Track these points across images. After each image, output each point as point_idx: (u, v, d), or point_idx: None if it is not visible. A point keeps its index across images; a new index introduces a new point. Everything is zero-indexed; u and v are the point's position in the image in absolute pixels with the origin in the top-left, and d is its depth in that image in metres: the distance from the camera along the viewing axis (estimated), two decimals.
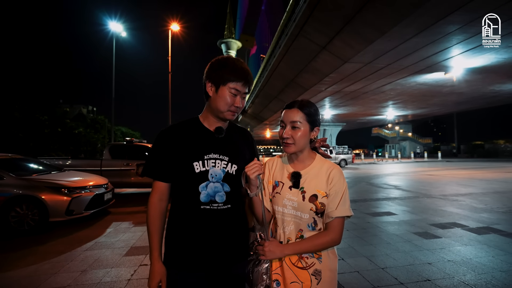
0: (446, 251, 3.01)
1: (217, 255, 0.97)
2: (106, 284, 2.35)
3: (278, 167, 1.08)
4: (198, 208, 0.96)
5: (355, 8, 8.99)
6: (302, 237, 0.98)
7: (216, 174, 0.99)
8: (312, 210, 0.97)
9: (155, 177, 0.99)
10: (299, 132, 0.98)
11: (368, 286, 2.27)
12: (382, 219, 4.45)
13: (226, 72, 0.96)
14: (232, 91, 0.97)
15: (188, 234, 0.97)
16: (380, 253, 2.99)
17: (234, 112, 1.00)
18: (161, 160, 0.99)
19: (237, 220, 1.05)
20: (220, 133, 1.01)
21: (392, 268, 2.59)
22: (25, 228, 3.83)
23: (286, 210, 1.00)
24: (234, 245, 1.01)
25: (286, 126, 1.00)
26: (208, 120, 1.05)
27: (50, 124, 17.85)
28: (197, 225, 0.97)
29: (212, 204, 0.97)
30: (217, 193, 0.98)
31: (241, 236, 1.05)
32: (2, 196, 3.78)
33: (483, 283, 2.27)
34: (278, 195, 1.02)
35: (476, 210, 4.88)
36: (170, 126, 1.03)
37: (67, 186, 4.14)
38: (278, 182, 1.04)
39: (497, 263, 2.65)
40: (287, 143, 0.99)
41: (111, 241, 3.48)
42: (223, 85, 0.96)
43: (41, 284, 2.35)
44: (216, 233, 0.98)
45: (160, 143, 1.00)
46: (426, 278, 2.39)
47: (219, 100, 0.97)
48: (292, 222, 0.99)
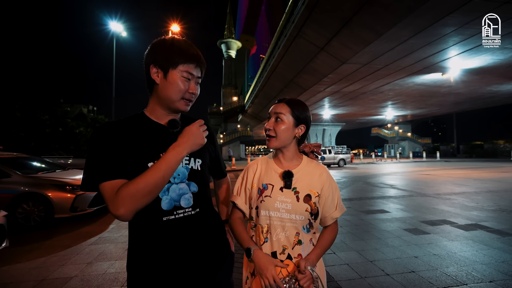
0: (433, 246, 3.16)
1: (192, 273, 0.81)
2: (111, 275, 2.51)
3: (264, 169, 0.99)
4: (160, 220, 0.78)
5: (353, 10, 9.13)
6: (300, 242, 0.90)
7: (178, 173, 0.83)
8: (307, 211, 0.90)
9: (108, 177, 0.72)
10: (282, 125, 0.92)
11: (356, 277, 2.42)
12: (375, 216, 4.61)
13: (175, 53, 0.81)
14: (184, 75, 0.82)
15: (151, 254, 0.78)
16: (370, 247, 3.14)
17: (188, 100, 0.85)
18: (109, 157, 0.74)
19: (210, 226, 0.91)
20: (175, 127, 0.86)
21: (380, 261, 2.75)
22: (32, 224, 3.99)
23: (278, 214, 0.90)
24: (211, 255, 0.88)
25: (271, 118, 0.96)
26: (156, 113, 0.87)
27: (51, 124, 18.01)
28: (162, 242, 0.79)
29: (177, 211, 0.81)
30: (182, 196, 0.82)
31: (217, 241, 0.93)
32: (10, 193, 3.94)
33: (464, 274, 2.42)
34: (268, 198, 0.92)
35: (467, 208, 5.04)
36: (108, 123, 0.80)
37: (72, 184, 4.30)
38: (267, 185, 0.94)
39: (479, 257, 2.81)
40: (269, 136, 0.95)
41: (114, 236, 3.64)
42: (173, 68, 0.81)
43: (49, 275, 2.51)
44: (186, 247, 0.81)
45: (99, 144, 0.75)
46: (411, 270, 2.54)
47: (170, 87, 0.81)
48: (287, 227, 0.90)
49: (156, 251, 0.79)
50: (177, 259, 0.80)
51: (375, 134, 43.28)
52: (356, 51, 10.98)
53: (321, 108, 24.86)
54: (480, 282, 2.28)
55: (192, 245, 0.83)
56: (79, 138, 20.61)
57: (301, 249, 0.91)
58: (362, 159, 27.66)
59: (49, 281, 2.39)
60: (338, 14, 9.67)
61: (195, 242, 0.84)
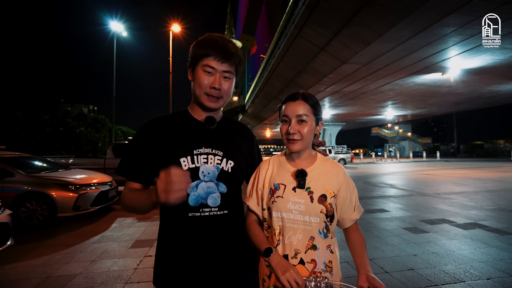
0: (432, 244, 3.20)
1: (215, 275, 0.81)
2: (115, 272, 2.55)
3: (276, 168, 0.94)
4: (186, 216, 0.80)
5: (353, 11, 9.16)
6: (315, 247, 0.84)
7: (208, 171, 0.82)
8: (322, 212, 0.84)
9: (129, 177, 0.84)
10: (306, 126, 0.86)
11: (355, 274, 2.45)
12: (375, 215, 4.65)
13: (200, 48, 0.81)
14: (206, 69, 0.80)
15: (176, 249, 0.80)
16: (370, 246, 3.18)
17: (212, 96, 0.82)
18: (137, 158, 0.84)
19: (237, 228, 0.89)
20: (211, 124, 0.86)
21: (380, 259, 2.79)
22: (35, 222, 4.03)
23: (291, 216, 0.85)
24: (236, 259, 0.85)
25: (291, 120, 0.87)
26: (195, 111, 0.90)
27: (52, 124, 18.06)
28: (184, 237, 0.80)
29: (203, 209, 0.81)
30: (210, 194, 0.81)
31: (244, 246, 0.90)
32: (13, 193, 3.98)
33: (462, 272, 2.46)
34: (280, 199, 0.87)
35: (466, 208, 5.08)
36: (153, 118, 0.88)
37: (74, 183, 4.34)
38: (279, 185, 0.89)
39: (478, 255, 2.85)
40: (293, 140, 0.86)
41: (117, 235, 3.68)
42: (197, 64, 0.82)
43: (54, 272, 2.55)
44: (210, 247, 0.81)
45: (140, 138, 0.84)
46: (410, 267, 2.58)
47: (194, 83, 0.83)
48: (300, 230, 0.85)
49: (180, 245, 0.80)
50: (199, 257, 0.80)
51: (375, 134, 43.31)
52: (356, 51, 11.01)
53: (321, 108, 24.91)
54: (478, 280, 2.32)
55: (216, 246, 0.81)
56: (80, 138, 20.67)
57: (315, 255, 0.83)
58: (362, 159, 27.70)
59: (54, 279, 2.43)
60: (339, 14, 9.69)
61: (219, 243, 0.82)
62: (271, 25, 69.87)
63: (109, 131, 24.42)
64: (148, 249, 3.13)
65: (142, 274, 2.49)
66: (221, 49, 0.80)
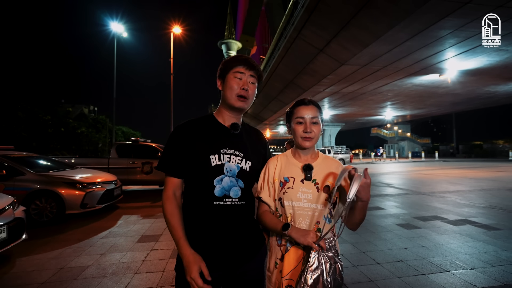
0: (422, 239, 3.38)
1: (234, 253, 0.96)
2: (124, 264, 2.73)
3: (284, 164, 1.09)
4: (211, 204, 0.95)
5: (351, 13, 9.35)
6: (320, 230, 0.98)
7: (231, 169, 0.99)
8: (327, 200, 1.00)
9: (168, 172, 0.99)
10: (319, 127, 1.04)
11: (349, 265, 2.64)
12: (370, 213, 4.82)
13: (229, 63, 1.03)
14: (237, 75, 1.00)
15: (203, 233, 0.95)
16: (364, 240, 3.36)
17: (242, 96, 1.00)
18: (175, 155, 0.99)
19: (251, 217, 1.06)
20: (235, 129, 1.03)
21: (372, 252, 2.97)
22: (44, 219, 4.21)
23: (301, 204, 1.00)
24: (249, 242, 1.01)
25: (306, 122, 1.03)
26: (222, 115, 1.06)
27: (53, 124, 18.21)
28: (210, 222, 0.95)
29: (226, 199, 0.96)
30: (232, 187, 0.98)
31: (255, 232, 1.06)
32: (24, 191, 4.16)
33: (447, 263, 2.65)
34: (290, 190, 1.02)
35: (459, 205, 5.26)
36: (186, 122, 1.04)
37: (81, 182, 4.52)
38: (288, 178, 1.04)
39: (464, 248, 3.03)
40: (309, 138, 1.02)
41: (123, 231, 3.86)
42: (227, 73, 1.02)
43: (67, 264, 2.73)
44: (229, 229, 0.97)
45: (176, 138, 1.00)
46: (400, 259, 2.76)
47: (226, 88, 1.01)
48: (308, 216, 1.00)
49: (205, 230, 0.95)
50: (223, 238, 0.95)
51: (375, 134, 43.53)
52: (355, 52, 11.19)
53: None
54: (462, 270, 2.50)
55: (236, 229, 0.98)
56: (81, 138, 20.85)
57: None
58: (361, 159, 27.89)
59: (68, 269, 2.61)
60: (337, 16, 9.89)
61: (238, 227, 0.99)
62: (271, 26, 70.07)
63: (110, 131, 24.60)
64: (154, 244, 3.30)
65: (150, 266, 2.67)
66: (247, 61, 1.02)
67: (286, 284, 0.96)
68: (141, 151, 7.50)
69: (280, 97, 22.31)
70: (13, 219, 2.80)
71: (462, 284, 2.25)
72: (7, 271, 2.59)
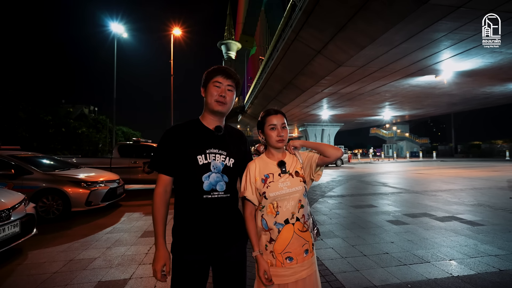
0: (409, 234, 3.59)
1: (219, 238, 1.12)
2: (129, 256, 2.93)
3: (262, 164, 1.29)
4: (201, 197, 1.09)
5: (347, 16, 9.56)
6: (303, 207, 1.22)
7: (216, 166, 1.13)
8: (301, 181, 1.24)
9: (160, 170, 1.13)
10: (287, 130, 1.29)
11: (337, 257, 2.85)
12: (363, 210, 5.03)
13: (210, 73, 1.19)
14: (215, 84, 1.16)
15: (193, 221, 1.10)
16: (354, 235, 3.57)
17: (220, 102, 1.17)
18: (166, 156, 1.12)
19: (235, 207, 1.21)
20: (219, 131, 1.19)
21: (360, 245, 3.18)
22: (51, 216, 4.42)
23: (283, 192, 1.20)
24: (233, 229, 1.17)
25: (278, 127, 1.25)
26: (206, 119, 1.22)
27: (54, 124, 18.37)
28: (200, 213, 1.10)
29: (213, 192, 1.10)
30: (218, 182, 1.12)
31: (238, 220, 1.22)
32: (32, 189, 4.36)
33: (429, 255, 2.85)
34: (272, 183, 1.22)
35: (448, 203, 5.47)
36: (174, 126, 1.18)
37: (86, 181, 4.72)
38: (268, 174, 1.24)
39: (447, 242, 3.23)
40: (282, 140, 1.25)
41: (127, 227, 4.07)
42: (208, 82, 1.18)
43: (76, 256, 2.93)
44: (217, 219, 1.12)
45: (166, 141, 1.14)
46: (385, 252, 2.97)
47: (207, 95, 1.18)
48: (291, 198, 1.20)
49: (196, 220, 1.10)
50: (211, 226, 1.11)
51: (374, 134, 43.72)
52: (352, 54, 11.40)
53: (319, 109, 25.29)
54: (441, 261, 2.70)
55: (222, 218, 1.14)
56: (81, 138, 21.03)
57: (303, 211, 1.23)
58: (359, 159, 28.10)
59: (77, 261, 2.81)
60: (334, 19, 10.09)
61: (224, 216, 1.14)
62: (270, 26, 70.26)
63: (110, 131, 24.79)
64: None
65: (153, 258, 2.87)
66: (225, 71, 1.19)
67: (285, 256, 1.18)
68: (142, 151, 7.72)
69: (279, 98, 22.53)
70: (25, 214, 3.01)
71: (440, 273, 2.45)
72: (21, 262, 2.79)
